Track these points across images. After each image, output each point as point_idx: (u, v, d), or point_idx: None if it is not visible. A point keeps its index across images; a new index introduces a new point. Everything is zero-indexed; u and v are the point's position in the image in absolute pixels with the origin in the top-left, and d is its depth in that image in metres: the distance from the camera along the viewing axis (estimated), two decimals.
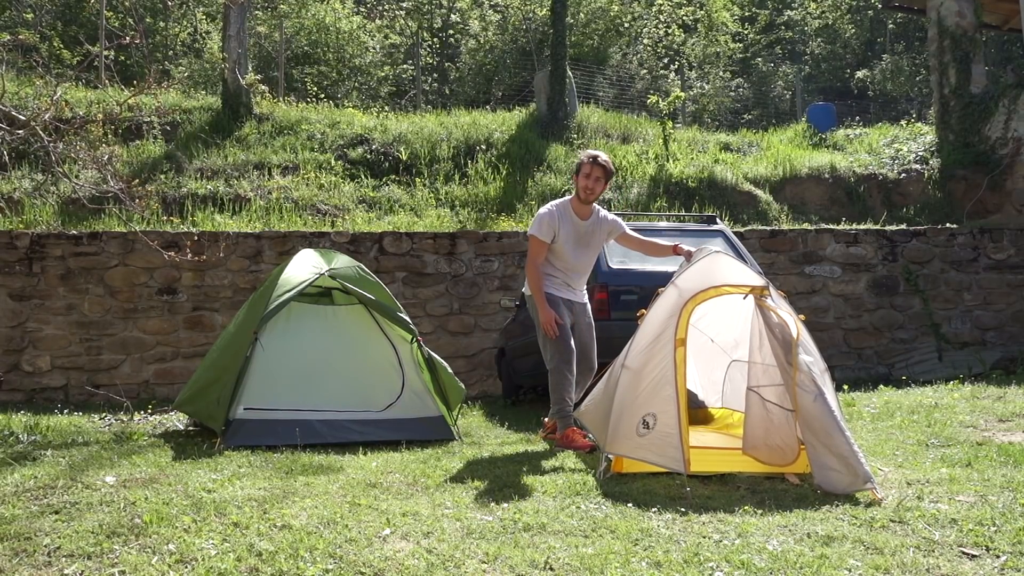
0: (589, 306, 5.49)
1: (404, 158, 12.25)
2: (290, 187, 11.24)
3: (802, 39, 26.40)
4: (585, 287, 5.51)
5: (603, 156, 5.22)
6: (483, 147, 12.69)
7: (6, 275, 8.80)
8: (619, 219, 5.51)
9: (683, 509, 3.44)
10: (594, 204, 5.32)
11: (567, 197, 5.39)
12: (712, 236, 7.09)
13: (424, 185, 11.80)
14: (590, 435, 4.96)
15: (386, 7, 23.21)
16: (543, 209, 5.26)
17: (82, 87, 12.80)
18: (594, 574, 2.71)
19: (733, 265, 4.36)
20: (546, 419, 5.46)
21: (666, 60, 21.89)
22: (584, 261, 5.36)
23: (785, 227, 10.55)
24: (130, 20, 18.69)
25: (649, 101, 14.59)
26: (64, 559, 2.85)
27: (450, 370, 5.92)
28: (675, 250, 5.14)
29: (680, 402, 3.88)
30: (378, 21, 22.51)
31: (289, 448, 4.99)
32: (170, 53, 20.89)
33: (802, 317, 4.22)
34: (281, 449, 4.97)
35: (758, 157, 13.27)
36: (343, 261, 5.92)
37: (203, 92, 16.07)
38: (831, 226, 10.52)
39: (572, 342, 5.18)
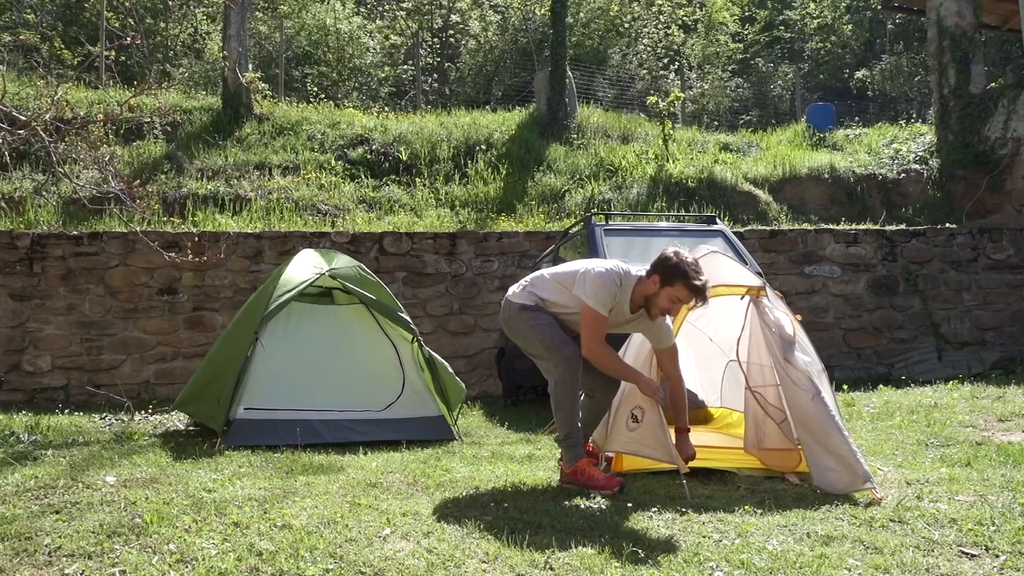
0: None
1: (404, 158, 12.25)
2: (290, 187, 11.25)
3: (801, 39, 26.40)
4: None
5: (709, 288, 3.90)
6: (483, 147, 12.70)
7: (7, 275, 8.80)
8: (672, 332, 4.18)
9: (683, 509, 3.45)
10: None
11: (636, 274, 4.04)
12: (712, 236, 7.09)
13: (424, 185, 11.81)
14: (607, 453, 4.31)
15: (386, 7, 23.20)
16: (608, 278, 3.97)
17: (83, 87, 12.79)
18: (594, 574, 2.71)
19: (731, 265, 4.38)
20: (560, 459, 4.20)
21: (666, 60, 21.89)
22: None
23: (785, 227, 10.54)
24: (130, 21, 18.70)
25: (649, 101, 14.58)
26: (65, 559, 2.85)
27: (450, 369, 5.92)
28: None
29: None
30: (378, 22, 22.51)
31: (289, 448, 5.00)
32: (170, 53, 20.87)
33: (799, 317, 4.24)
34: (281, 449, 4.97)
35: (758, 157, 13.27)
36: (344, 261, 5.93)
37: (203, 92, 16.06)
38: (831, 226, 10.52)
39: (581, 352, 4.08)
